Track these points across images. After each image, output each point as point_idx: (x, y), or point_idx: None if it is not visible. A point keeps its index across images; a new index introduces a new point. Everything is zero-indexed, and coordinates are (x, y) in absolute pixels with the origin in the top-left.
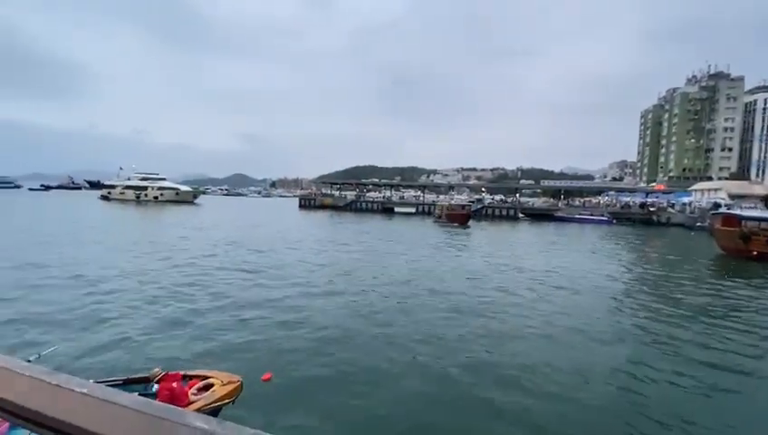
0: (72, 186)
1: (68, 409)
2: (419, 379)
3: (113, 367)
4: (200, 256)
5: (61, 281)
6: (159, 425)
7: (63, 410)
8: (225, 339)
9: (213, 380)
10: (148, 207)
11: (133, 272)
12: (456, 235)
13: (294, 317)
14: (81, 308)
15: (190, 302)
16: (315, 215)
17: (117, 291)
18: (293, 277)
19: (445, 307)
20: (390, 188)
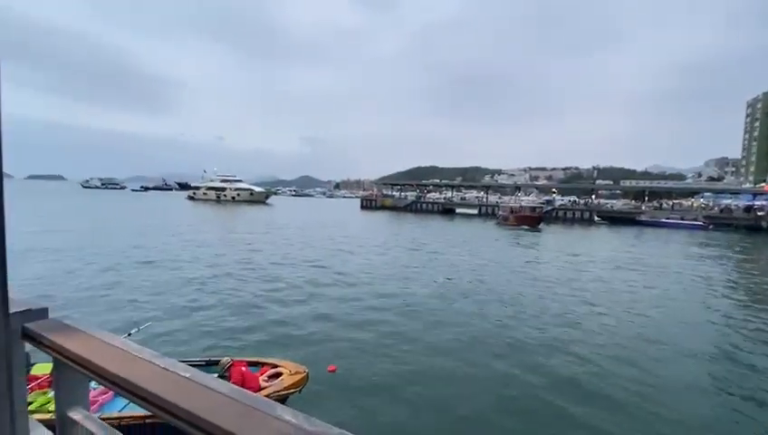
0: (165, 187)
1: (173, 390)
2: (495, 389)
3: (193, 347)
4: (279, 253)
5: (160, 266)
6: (252, 414)
7: (169, 391)
8: (297, 330)
9: (282, 368)
10: (227, 207)
11: (214, 263)
12: (526, 238)
13: (361, 316)
14: (174, 292)
15: (268, 293)
16: (376, 215)
17: (218, 281)
18: (356, 278)
19: (519, 316)
20: (451, 188)
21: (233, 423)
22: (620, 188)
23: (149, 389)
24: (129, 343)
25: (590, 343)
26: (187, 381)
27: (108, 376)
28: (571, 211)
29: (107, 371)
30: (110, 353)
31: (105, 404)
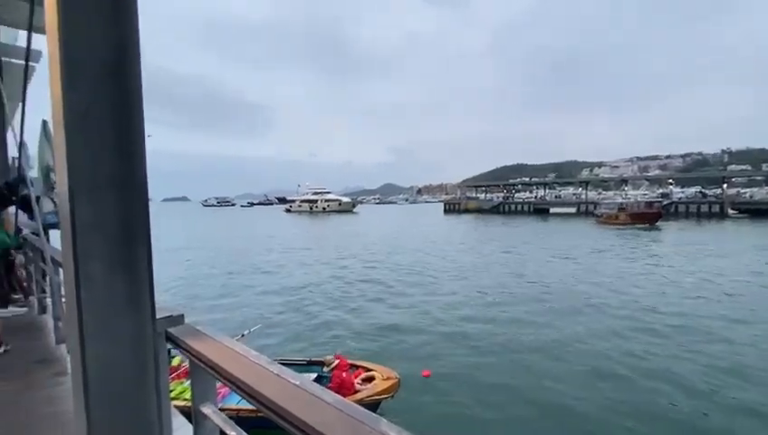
0: (267, 202)
1: (284, 396)
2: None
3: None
4: (370, 258)
5: (266, 271)
6: (358, 428)
7: (282, 397)
8: (394, 335)
9: (375, 373)
10: (318, 217)
11: (306, 267)
12: (643, 238)
13: (458, 326)
14: (281, 295)
15: (365, 297)
16: (460, 219)
17: (321, 285)
18: (445, 285)
19: (644, 338)
20: (544, 186)
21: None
22: (763, 174)
23: (265, 393)
24: (248, 349)
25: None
26: (296, 388)
27: (231, 378)
28: (694, 205)
29: (230, 374)
30: (233, 358)
31: (226, 397)
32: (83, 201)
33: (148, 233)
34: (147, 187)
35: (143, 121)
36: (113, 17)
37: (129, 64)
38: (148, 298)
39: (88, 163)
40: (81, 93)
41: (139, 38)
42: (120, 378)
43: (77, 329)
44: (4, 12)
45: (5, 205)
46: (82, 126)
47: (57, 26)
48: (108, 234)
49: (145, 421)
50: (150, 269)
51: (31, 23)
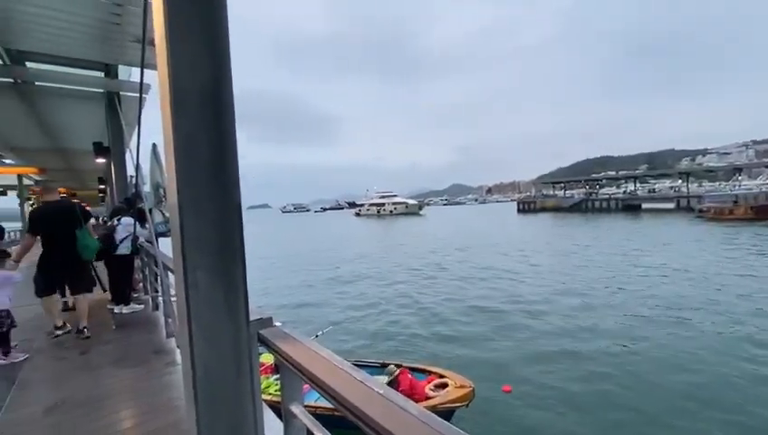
0: (338, 207)
1: (368, 404)
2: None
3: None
4: (442, 262)
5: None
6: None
7: (366, 404)
8: (474, 342)
9: (448, 380)
10: (386, 219)
11: (379, 269)
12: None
13: (547, 339)
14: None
15: (435, 303)
16: (536, 219)
17: (391, 286)
18: (532, 294)
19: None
20: (634, 180)
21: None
22: None
23: (350, 399)
24: (332, 353)
25: None
26: (380, 397)
27: (316, 381)
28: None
29: (315, 376)
30: (318, 361)
31: (305, 393)
32: (190, 216)
33: (243, 244)
34: (240, 203)
35: (236, 143)
36: (210, 51)
37: (223, 91)
38: (243, 303)
39: (193, 182)
40: (186, 119)
41: (231, 66)
42: (221, 373)
43: (186, 329)
44: (122, 54)
45: (125, 216)
46: (188, 149)
47: (167, 62)
48: (209, 246)
49: (243, 411)
50: (245, 276)
51: (143, 61)
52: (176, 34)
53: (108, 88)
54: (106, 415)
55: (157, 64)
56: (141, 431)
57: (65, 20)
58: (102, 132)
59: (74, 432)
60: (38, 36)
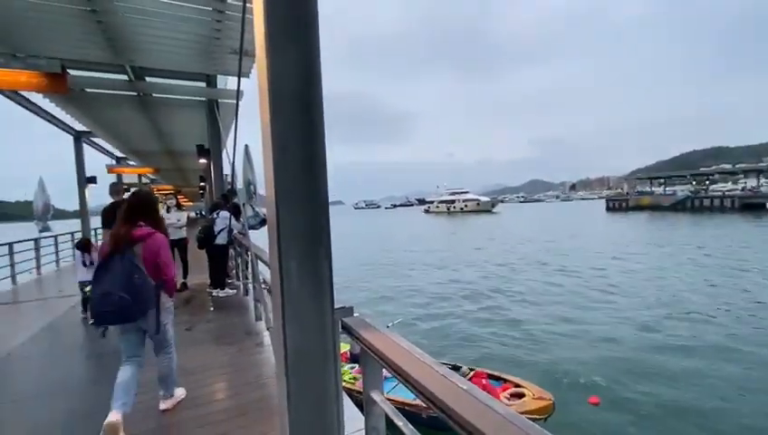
0: (407, 203)
1: (454, 399)
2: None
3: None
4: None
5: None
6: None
7: (451, 399)
8: (562, 353)
9: (524, 389)
10: (456, 217)
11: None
12: None
13: (651, 353)
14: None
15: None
16: (630, 219)
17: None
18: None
19: None
20: (757, 174)
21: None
22: None
23: (435, 393)
24: (413, 346)
25: None
26: (466, 393)
27: (400, 371)
28: None
29: (399, 367)
30: (400, 352)
31: None
32: (285, 211)
33: (329, 238)
34: (327, 200)
35: (324, 142)
36: (303, 57)
37: (314, 93)
38: (328, 292)
39: (287, 180)
40: (281, 122)
41: (321, 69)
42: (309, 356)
43: (281, 314)
44: (221, 65)
45: (221, 210)
46: (283, 150)
47: (266, 70)
48: (300, 238)
49: (327, 393)
50: (330, 267)
51: (240, 70)
52: (274, 44)
53: (208, 96)
54: (207, 384)
55: (256, 72)
56: (235, 403)
57: (177, 38)
58: (203, 135)
59: (184, 396)
60: (156, 54)
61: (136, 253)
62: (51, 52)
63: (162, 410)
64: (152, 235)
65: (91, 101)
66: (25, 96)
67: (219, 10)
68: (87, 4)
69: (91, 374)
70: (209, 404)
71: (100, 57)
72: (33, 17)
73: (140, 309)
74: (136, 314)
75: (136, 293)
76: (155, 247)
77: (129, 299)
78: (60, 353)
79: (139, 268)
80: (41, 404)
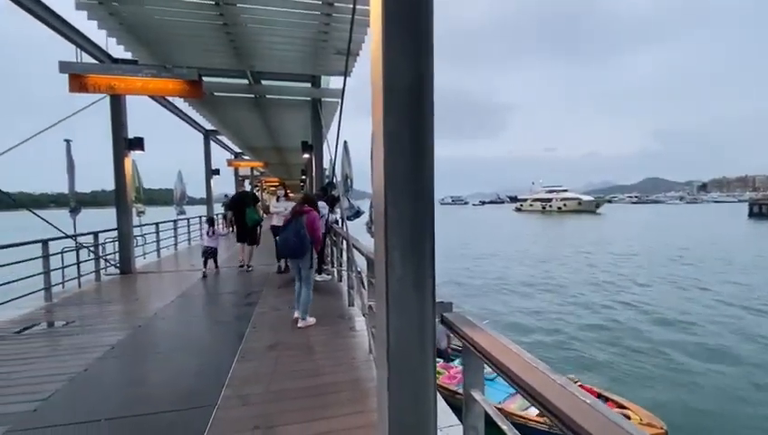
0: (498, 201)
1: (578, 412)
2: None
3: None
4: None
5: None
6: None
7: (574, 411)
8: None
9: (630, 412)
10: (552, 217)
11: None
12: None
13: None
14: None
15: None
16: None
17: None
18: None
19: None
20: None
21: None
22: None
23: (556, 403)
24: (522, 349)
25: None
26: (590, 408)
27: (509, 374)
28: None
29: (509, 369)
30: (509, 354)
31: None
32: (392, 203)
33: (433, 232)
34: (433, 193)
35: (433, 139)
36: (417, 54)
37: (425, 89)
38: (430, 285)
39: (396, 174)
40: (393, 117)
41: (434, 65)
42: (409, 345)
43: (384, 304)
44: (326, 66)
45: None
46: (393, 144)
47: (381, 67)
48: (404, 230)
49: (424, 384)
50: (433, 261)
51: (346, 70)
52: (389, 40)
53: (313, 96)
54: (305, 360)
55: (369, 67)
56: (329, 380)
57: (289, 42)
58: (306, 132)
59: (285, 368)
60: (271, 59)
61: (302, 221)
62: (190, 62)
63: (294, 320)
64: (311, 212)
65: (218, 103)
66: (170, 100)
67: (327, 13)
68: (220, 18)
69: (213, 336)
70: (310, 377)
71: (227, 64)
72: (179, 33)
73: (302, 251)
74: (299, 253)
75: (300, 241)
76: (312, 218)
77: (297, 243)
78: (189, 317)
79: (303, 228)
80: (177, 357)
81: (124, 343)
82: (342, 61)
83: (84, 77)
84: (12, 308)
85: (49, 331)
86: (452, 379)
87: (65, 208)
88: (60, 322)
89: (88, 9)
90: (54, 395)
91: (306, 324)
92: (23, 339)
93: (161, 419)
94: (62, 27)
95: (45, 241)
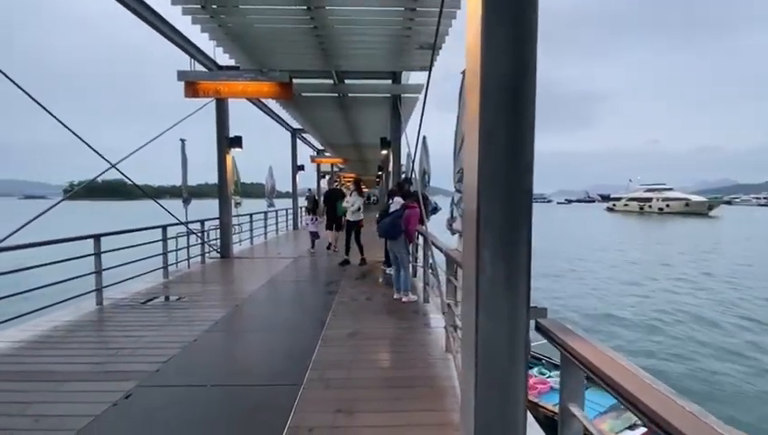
0: (587, 199)
1: (672, 414)
2: None
3: None
4: None
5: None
6: None
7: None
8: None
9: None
10: (652, 220)
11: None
12: None
13: None
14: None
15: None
16: None
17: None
18: None
19: None
20: None
21: None
22: None
23: (644, 400)
24: (636, 366)
25: None
26: (690, 414)
27: (622, 392)
28: None
29: (622, 386)
30: (620, 370)
31: (543, 394)
32: (485, 202)
33: (530, 233)
34: (531, 190)
35: (533, 130)
36: (518, 46)
37: (526, 81)
38: (524, 289)
39: (490, 168)
40: (490, 112)
41: (536, 56)
42: (498, 349)
43: (474, 303)
44: (408, 61)
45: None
46: (489, 137)
47: (479, 54)
48: (495, 229)
49: (513, 392)
50: (528, 264)
51: (431, 63)
52: (490, 29)
53: (392, 92)
54: (382, 351)
55: (466, 59)
56: (406, 374)
57: (373, 40)
58: (384, 129)
59: (363, 356)
60: (353, 58)
61: (402, 213)
62: (282, 65)
63: (395, 299)
64: (412, 208)
65: (305, 103)
66: (262, 101)
67: (412, 8)
68: (311, 22)
69: (298, 320)
70: (388, 369)
71: (316, 65)
72: (274, 39)
73: (391, 234)
74: (388, 235)
75: (392, 227)
76: (408, 215)
77: (389, 226)
78: (278, 301)
79: (399, 218)
80: (268, 337)
81: (225, 319)
82: (423, 55)
83: (197, 83)
84: (140, 282)
85: (166, 304)
86: (531, 389)
87: (177, 199)
88: (174, 296)
89: (202, 23)
90: (172, 359)
91: (409, 299)
92: (147, 309)
93: (256, 391)
94: (179, 40)
95: (164, 227)
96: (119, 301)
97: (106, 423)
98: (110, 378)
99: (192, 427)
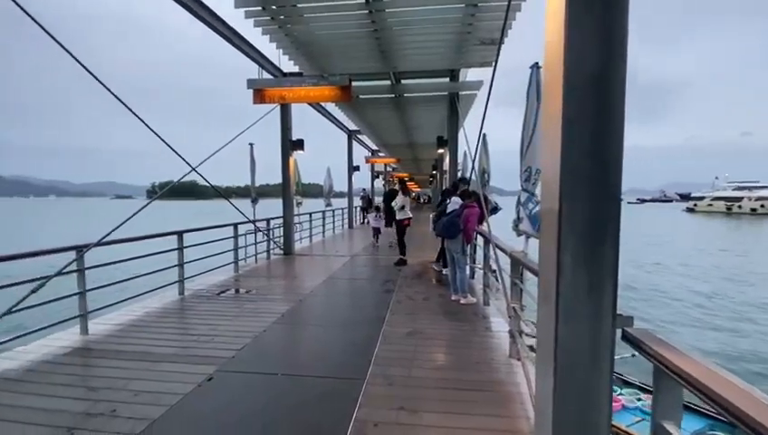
0: (663, 199)
1: None
2: None
3: None
4: None
5: None
6: None
7: None
8: None
9: None
10: (743, 222)
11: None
12: None
13: None
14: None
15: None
16: None
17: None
18: None
19: None
20: None
21: None
22: None
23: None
24: (749, 385)
25: None
26: None
27: (732, 409)
28: None
29: (731, 404)
30: (725, 383)
31: (615, 412)
32: (568, 202)
33: (617, 235)
34: (620, 192)
35: (623, 126)
36: (606, 30)
37: (613, 75)
38: (609, 295)
39: (573, 167)
40: (574, 108)
41: (626, 49)
42: (579, 358)
43: (554, 308)
44: (467, 58)
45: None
46: (572, 134)
47: (562, 46)
48: (577, 231)
49: (596, 406)
50: (615, 268)
51: (497, 59)
52: (575, 18)
53: (450, 90)
54: (442, 352)
55: (544, 52)
56: (468, 377)
57: (431, 40)
58: (438, 128)
59: (424, 356)
60: (411, 58)
61: (462, 213)
62: (342, 69)
63: (453, 300)
64: (471, 208)
65: (362, 105)
66: (322, 105)
67: (473, 4)
68: (372, 25)
69: (358, 317)
70: (449, 370)
71: (374, 68)
72: (335, 44)
73: (448, 233)
74: (446, 234)
75: (450, 226)
76: (467, 214)
77: (447, 225)
78: (337, 298)
79: (457, 218)
80: (331, 331)
81: (291, 312)
82: (483, 51)
83: (263, 90)
84: (215, 274)
85: (237, 296)
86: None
87: (245, 199)
88: (243, 289)
89: (270, 33)
90: (245, 348)
91: (468, 301)
92: (221, 300)
93: (323, 382)
94: (249, 50)
95: (236, 224)
96: (197, 292)
97: (193, 403)
98: (194, 361)
99: (267, 412)
